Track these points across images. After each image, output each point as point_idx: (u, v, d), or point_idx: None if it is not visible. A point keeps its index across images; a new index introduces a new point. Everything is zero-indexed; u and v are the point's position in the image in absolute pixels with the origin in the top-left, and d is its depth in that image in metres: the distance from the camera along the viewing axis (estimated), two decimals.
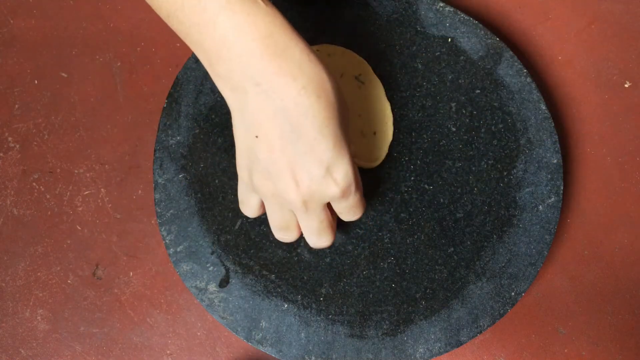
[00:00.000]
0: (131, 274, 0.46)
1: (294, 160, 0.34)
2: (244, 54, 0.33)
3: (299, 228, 0.39)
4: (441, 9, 0.49)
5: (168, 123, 0.46)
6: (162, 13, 0.35)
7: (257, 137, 0.34)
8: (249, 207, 0.40)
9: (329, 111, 0.34)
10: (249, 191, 0.39)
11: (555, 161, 0.46)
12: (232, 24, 0.33)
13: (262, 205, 0.40)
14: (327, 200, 0.36)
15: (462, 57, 0.48)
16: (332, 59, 0.47)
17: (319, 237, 0.39)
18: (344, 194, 0.36)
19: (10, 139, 0.49)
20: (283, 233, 0.40)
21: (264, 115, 0.34)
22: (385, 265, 0.44)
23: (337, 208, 0.38)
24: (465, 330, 0.43)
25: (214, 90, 0.47)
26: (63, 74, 0.50)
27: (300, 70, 0.33)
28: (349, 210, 0.38)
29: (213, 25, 0.33)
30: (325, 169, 0.35)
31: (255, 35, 0.33)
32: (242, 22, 0.33)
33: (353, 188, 0.36)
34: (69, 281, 0.46)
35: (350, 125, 0.45)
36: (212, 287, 0.43)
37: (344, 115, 0.36)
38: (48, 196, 0.48)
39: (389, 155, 0.46)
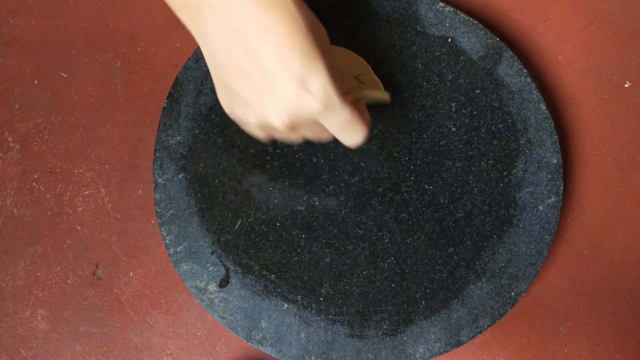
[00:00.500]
0: (131, 274, 0.46)
1: (265, 84, 0.32)
2: None
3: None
4: (441, 9, 0.49)
5: (168, 123, 0.46)
6: None
7: (224, 66, 0.33)
8: (253, 133, 0.38)
9: (291, 24, 0.32)
10: (239, 123, 0.37)
11: (555, 161, 0.46)
12: None
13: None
14: (311, 118, 0.34)
15: (462, 57, 0.48)
16: None
17: (319, 139, 0.37)
18: (327, 107, 0.33)
19: (10, 139, 0.49)
20: (292, 138, 0.38)
21: (225, 40, 0.32)
22: (385, 265, 0.44)
23: (330, 128, 0.35)
24: (465, 330, 0.43)
25: (214, 90, 0.47)
26: (63, 74, 0.50)
27: None
28: (345, 128, 0.35)
29: None
30: (297, 84, 0.32)
31: None
32: None
33: (336, 99, 0.33)
34: (69, 281, 0.46)
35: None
36: (212, 287, 0.43)
37: (313, 28, 0.33)
38: (48, 196, 0.48)
39: (389, 155, 0.46)
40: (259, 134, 0.38)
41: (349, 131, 0.36)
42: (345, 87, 0.36)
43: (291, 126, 0.34)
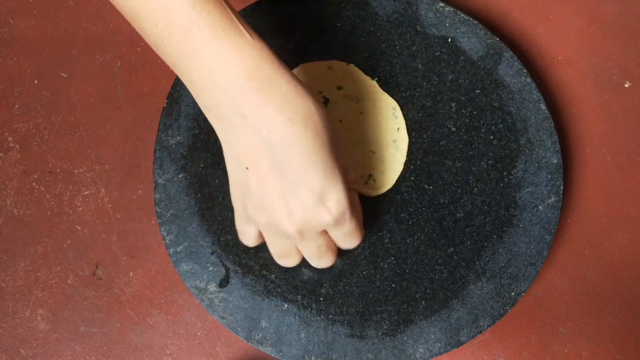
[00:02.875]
0: (131, 274, 0.46)
1: (285, 191, 0.35)
2: (230, 86, 0.33)
3: (300, 253, 0.40)
4: (441, 9, 0.49)
5: (168, 123, 0.46)
6: (151, 42, 0.35)
7: (247, 168, 0.35)
8: (247, 237, 0.40)
9: (317, 140, 0.34)
10: (245, 222, 0.39)
11: (555, 161, 0.46)
12: (218, 56, 0.33)
13: (260, 234, 0.40)
14: (322, 228, 0.37)
15: (462, 57, 0.48)
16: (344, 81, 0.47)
17: (319, 260, 0.39)
18: (338, 222, 0.36)
19: (10, 139, 0.49)
20: (284, 260, 0.40)
21: (252, 147, 0.34)
22: (385, 265, 0.44)
23: (333, 236, 0.38)
24: (465, 330, 0.43)
25: None
26: (63, 74, 0.50)
27: (286, 102, 0.34)
28: (345, 238, 0.39)
29: (200, 57, 0.33)
30: (316, 198, 0.35)
31: (241, 67, 0.33)
32: (228, 54, 0.33)
33: (347, 215, 0.36)
34: (69, 281, 0.46)
35: (359, 145, 0.46)
36: (212, 287, 0.43)
37: (334, 143, 0.36)
38: (48, 196, 0.48)
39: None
40: (252, 238, 0.40)
41: (348, 241, 0.39)
42: (351, 174, 0.39)
43: (301, 233, 0.36)
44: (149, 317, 0.46)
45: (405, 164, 0.46)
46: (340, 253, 0.44)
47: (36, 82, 0.50)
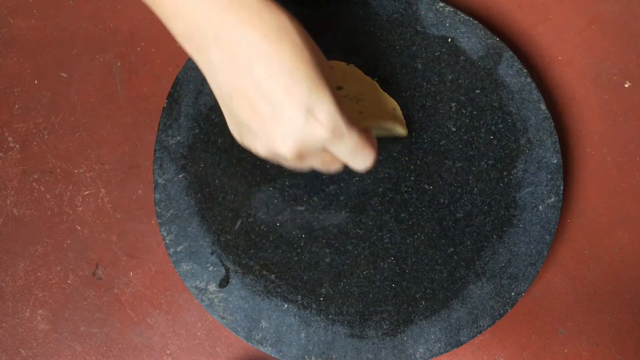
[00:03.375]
0: (131, 274, 0.46)
1: (273, 114, 0.33)
2: (198, 7, 0.32)
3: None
4: (441, 9, 0.49)
5: (168, 123, 0.46)
6: None
7: (231, 97, 0.33)
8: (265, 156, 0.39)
9: (296, 54, 0.32)
10: (252, 150, 0.37)
11: (555, 161, 0.46)
12: None
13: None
14: (319, 145, 0.34)
15: (462, 57, 0.48)
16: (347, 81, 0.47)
17: (328, 169, 0.37)
18: (335, 134, 0.34)
19: (10, 139, 0.49)
20: (302, 167, 0.38)
21: (231, 71, 0.32)
22: (385, 265, 0.44)
23: (339, 155, 0.36)
24: (465, 330, 0.43)
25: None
26: (63, 74, 0.50)
27: (259, 18, 0.32)
28: (353, 154, 0.35)
29: None
30: (305, 112, 0.33)
31: None
32: None
33: (344, 127, 0.34)
34: (69, 281, 0.46)
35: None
36: (212, 287, 0.43)
37: (317, 57, 0.34)
38: (48, 196, 0.48)
39: (389, 155, 0.46)
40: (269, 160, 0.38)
41: (358, 156, 0.36)
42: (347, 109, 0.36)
43: (299, 155, 0.34)
44: (149, 317, 0.46)
45: (406, 163, 0.46)
46: (341, 251, 0.44)
47: (36, 82, 0.50)
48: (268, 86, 0.32)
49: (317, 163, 0.36)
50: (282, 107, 0.32)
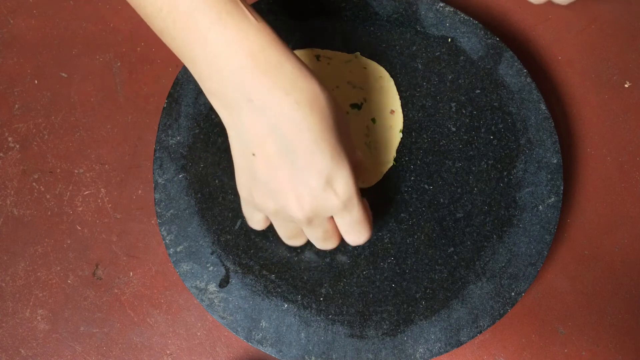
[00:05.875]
0: (131, 274, 0.46)
1: (293, 176, 0.34)
2: (235, 70, 0.33)
3: (304, 234, 0.40)
4: (441, 9, 0.49)
5: (168, 123, 0.46)
6: (155, 29, 0.35)
7: (254, 154, 0.34)
8: (255, 223, 0.40)
9: (324, 123, 0.34)
10: (252, 209, 0.39)
11: (555, 161, 0.46)
12: (223, 40, 0.32)
13: (268, 218, 0.40)
14: (330, 214, 0.36)
15: (462, 57, 0.48)
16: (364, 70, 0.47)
17: (325, 243, 0.39)
18: (346, 206, 0.36)
19: (10, 139, 0.49)
20: (292, 241, 0.40)
21: (259, 132, 0.34)
22: (385, 265, 0.44)
23: (340, 224, 0.38)
24: (465, 330, 0.43)
25: None
26: (63, 74, 0.50)
27: (292, 85, 0.33)
28: (353, 227, 0.38)
29: (204, 41, 0.33)
30: (324, 182, 0.34)
31: (246, 51, 0.33)
32: (233, 37, 0.32)
33: (355, 200, 0.36)
34: (69, 281, 0.46)
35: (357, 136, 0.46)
36: (212, 287, 0.43)
37: (341, 127, 0.36)
38: (48, 196, 0.48)
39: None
40: (261, 222, 0.40)
41: (357, 231, 0.38)
42: (355, 158, 0.38)
43: (309, 219, 0.36)
44: (149, 317, 0.46)
45: (405, 163, 0.46)
46: (341, 251, 0.44)
47: (36, 82, 0.50)
48: (294, 152, 0.34)
49: (319, 233, 0.38)
50: (304, 172, 0.34)
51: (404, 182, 0.46)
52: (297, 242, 0.40)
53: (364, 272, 0.44)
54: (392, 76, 0.48)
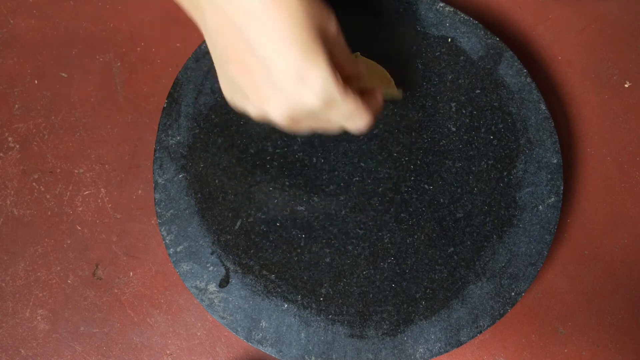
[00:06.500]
0: (131, 274, 0.46)
1: (265, 78, 0.32)
2: None
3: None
4: (441, 9, 0.49)
5: (168, 123, 0.46)
6: None
7: (225, 59, 0.33)
8: (251, 116, 0.38)
9: (290, 16, 0.31)
10: (240, 110, 0.37)
11: (555, 161, 0.46)
12: None
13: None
14: (312, 113, 0.34)
15: (462, 57, 0.48)
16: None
17: (328, 130, 0.37)
18: (327, 102, 0.33)
19: (10, 139, 0.49)
20: (296, 130, 0.37)
21: (224, 32, 0.32)
22: (385, 265, 0.44)
23: (332, 120, 0.35)
24: (465, 330, 0.43)
25: (214, 90, 0.47)
26: (63, 74, 0.50)
27: None
28: (347, 119, 0.35)
29: None
30: (297, 79, 0.32)
31: None
32: None
33: (337, 94, 0.33)
34: (69, 281, 0.46)
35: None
36: (212, 287, 0.43)
37: (315, 20, 0.32)
38: (48, 196, 0.48)
39: (389, 155, 0.46)
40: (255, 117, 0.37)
41: (352, 120, 0.35)
42: (354, 69, 0.35)
43: (291, 119, 0.34)
44: (149, 317, 0.46)
45: (406, 163, 0.46)
46: (341, 251, 0.44)
47: (36, 82, 0.50)
48: (261, 50, 0.31)
49: (313, 125, 0.35)
50: (274, 72, 0.32)
51: (404, 182, 0.46)
52: (302, 129, 0.37)
53: (364, 272, 0.44)
54: (392, 76, 0.48)
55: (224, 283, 0.43)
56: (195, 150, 0.46)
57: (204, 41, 0.48)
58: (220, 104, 0.47)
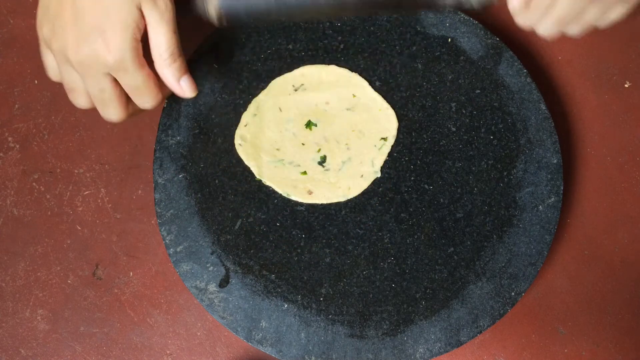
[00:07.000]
0: (131, 274, 0.46)
1: (75, 18, 0.35)
2: None
3: (89, 96, 0.39)
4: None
5: (168, 123, 0.46)
6: None
7: None
8: (49, 69, 0.40)
9: None
10: (46, 50, 0.39)
11: (555, 161, 0.46)
12: None
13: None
14: (103, 69, 0.36)
15: (462, 57, 0.48)
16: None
17: (103, 108, 0.39)
18: (119, 67, 0.36)
19: (10, 139, 0.49)
20: (72, 95, 0.40)
21: None
22: (385, 265, 0.44)
23: (123, 86, 0.38)
24: (465, 330, 0.43)
25: (214, 90, 0.47)
26: None
27: None
28: (134, 90, 0.38)
29: None
30: (99, 33, 0.35)
31: None
32: None
33: (130, 63, 0.36)
34: (69, 281, 0.46)
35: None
36: (212, 287, 0.43)
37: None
38: (48, 196, 0.48)
39: (389, 155, 0.46)
40: (52, 69, 0.40)
41: (138, 94, 0.38)
42: (170, 49, 0.38)
43: (82, 66, 0.36)
44: (149, 317, 0.46)
45: (406, 163, 0.46)
46: (341, 251, 0.44)
47: (36, 82, 0.50)
48: (81, 1, 0.35)
49: (95, 89, 0.37)
50: (85, 17, 0.35)
51: (404, 182, 0.46)
52: (76, 98, 0.39)
53: (364, 272, 0.44)
54: (392, 76, 0.48)
55: (224, 283, 0.43)
56: (195, 150, 0.46)
57: (203, 41, 0.48)
58: (220, 104, 0.47)
